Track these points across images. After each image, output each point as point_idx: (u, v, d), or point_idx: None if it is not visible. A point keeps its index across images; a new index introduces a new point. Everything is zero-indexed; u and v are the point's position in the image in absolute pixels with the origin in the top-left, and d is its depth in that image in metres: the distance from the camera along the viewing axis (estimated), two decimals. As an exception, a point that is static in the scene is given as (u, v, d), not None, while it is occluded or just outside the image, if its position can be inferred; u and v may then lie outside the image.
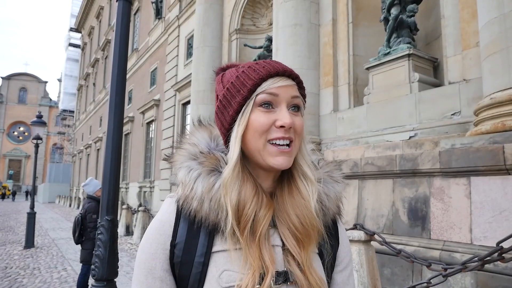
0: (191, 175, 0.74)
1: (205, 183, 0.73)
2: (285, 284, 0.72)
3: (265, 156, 0.73)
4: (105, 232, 2.00)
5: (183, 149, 0.80)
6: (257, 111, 0.74)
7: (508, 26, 3.32)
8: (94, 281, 1.99)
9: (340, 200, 0.83)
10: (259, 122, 0.73)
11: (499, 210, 3.16)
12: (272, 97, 0.74)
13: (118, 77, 2.11)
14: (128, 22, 2.23)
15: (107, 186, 2.05)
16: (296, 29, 6.28)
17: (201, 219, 0.72)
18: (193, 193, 0.73)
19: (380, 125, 5.12)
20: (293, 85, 0.77)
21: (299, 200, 0.75)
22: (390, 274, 3.97)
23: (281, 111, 0.74)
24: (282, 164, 0.73)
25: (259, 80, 0.74)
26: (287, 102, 0.75)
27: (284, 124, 0.72)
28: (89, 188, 4.63)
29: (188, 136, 0.84)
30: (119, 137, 2.11)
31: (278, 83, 0.75)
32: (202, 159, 0.76)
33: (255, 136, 0.73)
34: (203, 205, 0.72)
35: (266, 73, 0.75)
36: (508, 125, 3.22)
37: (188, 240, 0.72)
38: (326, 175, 0.83)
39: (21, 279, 6.06)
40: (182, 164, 0.77)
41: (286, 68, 0.78)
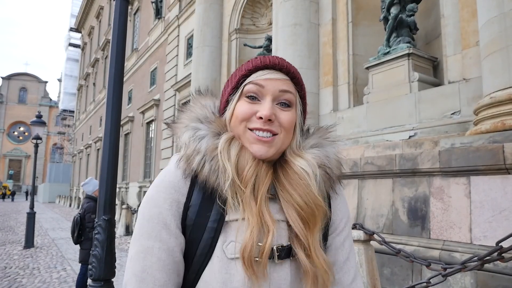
0: (197, 134, 0.75)
1: (210, 143, 0.73)
2: (289, 259, 0.72)
3: (245, 142, 0.75)
4: (102, 231, 1.99)
5: (191, 111, 0.80)
6: (242, 100, 0.76)
7: (508, 25, 3.31)
8: (91, 281, 1.99)
9: (340, 161, 0.83)
10: (240, 110, 0.75)
11: (499, 209, 3.15)
12: (258, 88, 0.75)
13: (115, 76, 2.10)
14: (125, 21, 2.22)
15: (104, 185, 2.04)
16: (296, 29, 6.27)
17: (203, 182, 0.71)
18: (196, 151, 0.72)
19: (379, 125, 5.12)
20: (284, 79, 0.77)
21: (299, 181, 0.74)
22: (389, 274, 3.96)
23: (264, 103, 0.75)
24: (257, 152, 0.73)
25: (247, 71, 0.77)
26: (274, 96, 0.75)
27: (262, 115, 0.73)
28: (89, 188, 4.61)
29: (192, 102, 0.83)
30: (117, 136, 2.10)
31: (266, 76, 0.76)
32: (211, 121, 0.77)
33: (236, 122, 0.76)
34: (204, 165, 0.71)
35: (255, 65, 0.77)
36: (508, 124, 3.21)
37: (203, 204, 0.71)
38: (320, 139, 0.83)
39: (20, 279, 6.06)
40: (189, 125, 0.77)
41: (278, 61, 0.78)
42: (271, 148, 0.74)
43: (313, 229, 0.73)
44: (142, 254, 0.69)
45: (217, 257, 0.68)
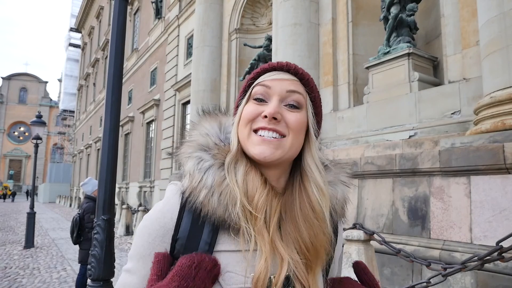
0: (201, 166, 0.72)
1: (216, 176, 0.71)
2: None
3: (249, 145, 0.73)
4: (101, 231, 1.99)
5: (192, 140, 0.77)
6: (249, 103, 0.76)
7: (508, 25, 3.30)
8: (90, 281, 1.98)
9: (346, 203, 0.81)
10: (246, 111, 0.75)
11: (499, 209, 3.14)
12: (265, 89, 0.74)
13: (114, 75, 2.10)
14: (124, 21, 2.22)
15: (104, 185, 2.04)
16: (296, 29, 6.27)
17: (207, 214, 0.68)
18: (201, 185, 0.70)
19: (380, 125, 5.11)
20: (292, 79, 0.76)
21: (312, 219, 0.71)
22: (390, 274, 3.96)
23: (270, 103, 0.73)
24: (261, 153, 0.70)
25: (256, 74, 0.78)
26: (281, 96, 0.74)
27: (266, 113, 0.71)
28: (88, 188, 4.60)
29: (195, 126, 0.81)
30: (116, 136, 2.09)
31: (272, 76, 0.75)
32: (215, 151, 0.74)
33: (242, 125, 0.74)
34: (212, 198, 0.69)
35: (263, 68, 0.77)
36: (508, 124, 3.21)
37: (190, 236, 0.69)
38: (336, 177, 0.81)
39: (20, 279, 6.06)
40: (192, 154, 0.74)
41: (285, 63, 0.77)
42: (278, 150, 0.71)
43: (314, 269, 0.71)
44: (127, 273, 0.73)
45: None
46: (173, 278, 0.63)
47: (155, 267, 0.66)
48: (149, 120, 16.45)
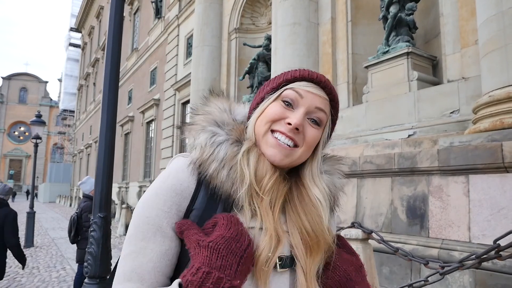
0: (215, 139, 0.73)
1: (229, 150, 0.72)
2: (289, 269, 0.72)
3: (263, 143, 0.75)
4: (97, 229, 1.99)
5: (208, 113, 0.78)
6: (277, 102, 0.76)
7: (506, 24, 3.30)
8: (87, 279, 1.98)
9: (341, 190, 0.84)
10: (272, 110, 0.75)
11: (498, 208, 3.14)
12: (296, 96, 0.75)
13: (111, 74, 2.10)
14: (121, 19, 2.22)
15: (100, 183, 2.04)
16: (295, 28, 6.27)
17: (215, 187, 0.70)
18: (212, 158, 0.71)
19: (379, 124, 5.11)
20: (324, 98, 0.77)
21: (310, 206, 0.75)
22: (388, 273, 3.96)
23: (296, 112, 0.74)
24: (273, 156, 0.73)
25: (292, 78, 0.77)
26: (308, 109, 0.75)
27: (291, 122, 0.72)
28: (86, 187, 4.59)
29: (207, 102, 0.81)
30: (112, 133, 2.10)
31: (308, 88, 0.76)
32: (230, 127, 0.76)
33: (263, 121, 0.75)
34: (221, 172, 0.70)
35: (301, 75, 0.77)
36: (506, 122, 3.21)
37: (207, 208, 0.70)
38: (332, 167, 0.84)
39: (20, 278, 6.06)
40: (206, 128, 0.75)
41: (323, 79, 0.78)
42: (287, 158, 0.73)
43: (314, 257, 0.73)
44: (134, 254, 0.67)
45: None
46: (227, 225, 0.64)
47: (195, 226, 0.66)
48: (149, 119, 16.46)
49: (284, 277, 0.71)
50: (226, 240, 0.62)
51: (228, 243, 0.61)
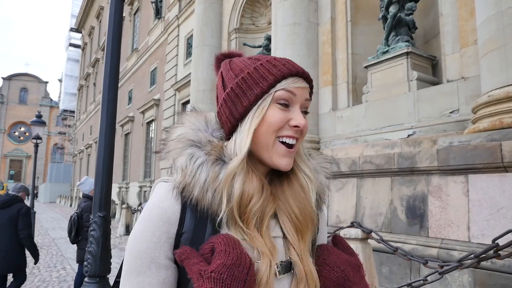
0: (194, 162, 0.71)
1: (210, 172, 0.70)
2: (289, 273, 0.73)
3: (272, 153, 0.74)
4: (97, 228, 1.99)
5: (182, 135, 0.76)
6: (274, 107, 0.74)
7: (505, 24, 3.31)
8: (87, 278, 1.99)
9: (328, 188, 0.86)
10: (276, 118, 0.73)
11: (497, 207, 3.15)
12: (290, 95, 0.74)
13: (110, 74, 2.10)
14: (120, 19, 2.23)
15: (100, 182, 2.05)
16: (295, 28, 6.27)
17: (203, 208, 0.69)
18: (195, 180, 0.70)
19: (378, 124, 5.12)
20: (307, 88, 0.78)
21: (299, 193, 0.76)
22: (388, 273, 3.96)
23: (295, 111, 0.75)
24: (286, 165, 0.74)
25: (280, 76, 0.74)
26: (301, 104, 0.76)
27: (299, 124, 0.73)
28: (85, 187, 4.60)
29: (181, 121, 0.80)
30: (112, 133, 2.10)
31: (298, 84, 0.75)
32: (208, 148, 0.73)
33: (269, 131, 0.73)
34: (206, 194, 0.69)
35: (288, 71, 0.75)
36: (505, 122, 3.21)
37: (196, 230, 0.69)
38: (318, 166, 0.85)
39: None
40: (183, 151, 0.73)
41: (302, 70, 0.78)
42: (292, 159, 0.76)
43: (304, 237, 0.75)
44: None
45: None
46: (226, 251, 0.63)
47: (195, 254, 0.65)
48: (149, 120, 16.46)
49: (284, 282, 0.72)
50: (228, 267, 0.61)
51: (230, 270, 0.61)
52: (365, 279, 0.80)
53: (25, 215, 4.22)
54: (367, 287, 0.79)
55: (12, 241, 4.12)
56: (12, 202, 4.25)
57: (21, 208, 4.24)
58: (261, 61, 0.76)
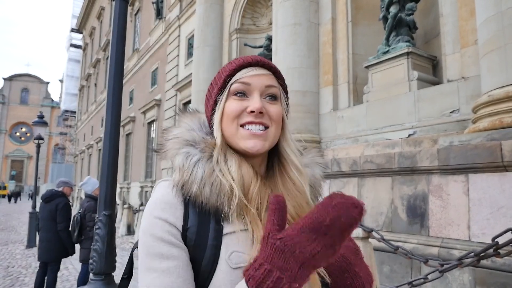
0: (190, 160, 0.75)
1: (206, 168, 0.74)
2: None
3: (238, 140, 0.77)
4: (103, 227, 2.02)
5: (177, 136, 0.80)
6: (231, 99, 0.79)
7: (505, 24, 3.33)
8: (92, 275, 2.01)
9: (323, 181, 0.88)
10: (230, 108, 0.78)
11: (497, 206, 3.17)
12: (245, 86, 0.78)
13: (115, 73, 2.13)
14: (125, 21, 2.25)
15: (105, 181, 2.07)
16: (296, 28, 6.30)
17: (201, 203, 0.72)
18: (193, 177, 0.73)
19: (379, 124, 5.14)
20: (268, 74, 0.81)
21: (294, 191, 0.78)
22: (389, 272, 3.99)
23: (253, 99, 0.78)
24: (254, 147, 0.76)
25: (231, 71, 0.80)
26: (261, 91, 0.79)
27: (253, 109, 0.76)
28: (88, 187, 4.64)
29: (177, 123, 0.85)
30: (117, 132, 2.13)
31: (250, 73, 0.79)
32: (202, 145, 0.78)
33: (228, 121, 0.78)
34: (204, 189, 0.72)
35: (239, 64, 0.80)
36: (505, 122, 3.23)
37: (200, 224, 0.72)
38: (311, 160, 0.87)
39: (23, 277, 6.10)
40: (179, 151, 0.78)
41: (259, 58, 0.81)
42: (266, 142, 0.77)
43: None
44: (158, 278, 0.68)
45: (220, 270, 0.70)
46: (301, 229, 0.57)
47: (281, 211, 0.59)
48: (150, 120, 16.49)
49: None
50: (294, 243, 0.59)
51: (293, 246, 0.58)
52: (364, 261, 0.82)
53: (62, 209, 4.64)
54: (367, 268, 0.81)
55: (52, 233, 4.57)
56: (53, 197, 4.72)
57: (60, 202, 4.68)
58: (230, 62, 0.83)
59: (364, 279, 0.78)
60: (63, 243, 4.64)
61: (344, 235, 0.56)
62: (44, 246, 4.61)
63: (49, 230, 4.58)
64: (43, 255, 4.67)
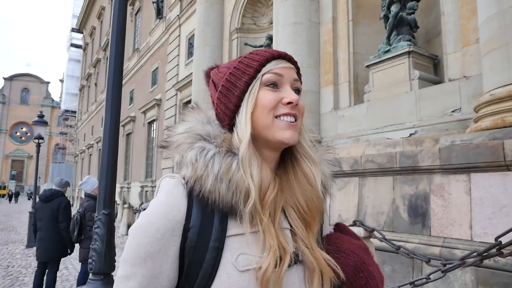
0: (206, 155, 0.72)
1: (223, 164, 0.71)
2: (296, 265, 0.74)
3: (274, 131, 0.75)
4: (102, 226, 2.01)
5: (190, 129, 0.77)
6: (263, 90, 0.76)
7: (507, 22, 3.31)
8: (91, 275, 2.00)
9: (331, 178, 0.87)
10: (267, 99, 0.75)
11: (499, 206, 3.15)
12: (277, 77, 0.77)
13: (115, 70, 2.11)
14: (124, 19, 2.24)
15: (104, 180, 2.06)
16: (296, 28, 6.28)
17: (214, 201, 0.69)
18: (207, 172, 0.70)
19: (380, 123, 5.12)
20: (294, 69, 0.81)
21: (306, 184, 0.77)
22: (390, 271, 3.97)
23: (286, 90, 0.77)
24: (291, 138, 0.75)
25: (264, 61, 0.78)
26: (291, 83, 0.79)
27: (291, 100, 0.75)
28: (87, 187, 4.63)
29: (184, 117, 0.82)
30: (116, 131, 2.11)
31: (282, 64, 0.78)
32: (218, 140, 0.75)
33: (264, 113, 0.75)
34: (220, 186, 0.69)
35: (270, 55, 0.79)
36: (507, 121, 3.21)
37: (203, 224, 0.69)
38: (321, 157, 0.87)
39: (22, 277, 6.09)
40: (193, 145, 0.74)
41: (285, 52, 0.81)
42: (297, 133, 0.77)
43: (312, 229, 0.77)
44: (125, 279, 0.69)
45: (226, 274, 0.67)
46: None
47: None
48: (150, 120, 16.48)
49: (293, 272, 0.73)
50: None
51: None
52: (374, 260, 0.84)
53: (64, 209, 4.69)
54: (378, 267, 0.82)
55: (53, 232, 4.59)
56: (54, 197, 4.73)
57: (62, 202, 4.72)
58: (244, 55, 0.81)
59: (378, 279, 0.77)
60: (65, 242, 4.65)
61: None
62: (45, 245, 4.61)
63: (51, 230, 4.58)
64: (43, 255, 4.66)
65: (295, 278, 0.73)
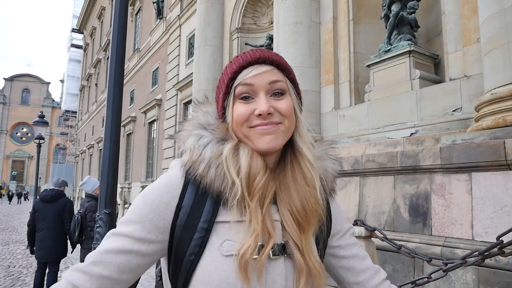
0: (201, 141, 0.77)
1: (214, 149, 0.75)
2: (283, 256, 0.74)
3: (253, 140, 0.77)
4: (103, 225, 2.01)
5: (193, 119, 0.83)
6: (237, 103, 0.78)
7: (508, 21, 3.30)
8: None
9: (335, 176, 0.87)
10: (238, 113, 0.77)
11: (501, 205, 3.15)
12: (248, 87, 0.77)
13: (116, 70, 2.12)
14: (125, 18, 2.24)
15: (106, 180, 2.06)
16: (297, 27, 6.27)
17: (205, 186, 0.73)
18: (201, 158, 0.75)
19: (381, 122, 5.11)
20: (271, 69, 0.78)
21: (303, 185, 0.78)
22: (391, 271, 3.96)
23: (259, 100, 0.76)
24: (269, 144, 0.75)
25: (232, 74, 0.78)
26: (266, 89, 0.77)
27: (260, 112, 0.75)
28: (88, 187, 4.63)
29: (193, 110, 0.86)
30: (117, 131, 2.12)
31: (251, 73, 0.77)
32: (214, 127, 0.79)
33: (237, 126, 0.77)
34: (210, 170, 0.73)
35: (239, 65, 0.78)
36: (509, 120, 3.21)
37: (194, 205, 0.73)
38: (323, 152, 0.87)
39: (23, 277, 6.09)
40: (192, 132, 0.79)
41: (260, 55, 0.78)
42: (279, 139, 0.76)
43: (306, 232, 0.76)
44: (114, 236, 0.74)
45: (211, 257, 0.71)
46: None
47: None
48: (151, 120, 16.48)
49: (279, 263, 0.74)
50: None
51: None
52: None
53: (70, 209, 4.76)
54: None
55: (58, 232, 4.62)
56: (58, 197, 4.77)
57: (67, 202, 4.78)
58: (231, 60, 0.82)
59: None
60: (71, 242, 4.66)
61: None
62: (49, 246, 4.60)
63: (56, 230, 4.59)
64: (46, 255, 4.64)
65: (281, 270, 0.74)
